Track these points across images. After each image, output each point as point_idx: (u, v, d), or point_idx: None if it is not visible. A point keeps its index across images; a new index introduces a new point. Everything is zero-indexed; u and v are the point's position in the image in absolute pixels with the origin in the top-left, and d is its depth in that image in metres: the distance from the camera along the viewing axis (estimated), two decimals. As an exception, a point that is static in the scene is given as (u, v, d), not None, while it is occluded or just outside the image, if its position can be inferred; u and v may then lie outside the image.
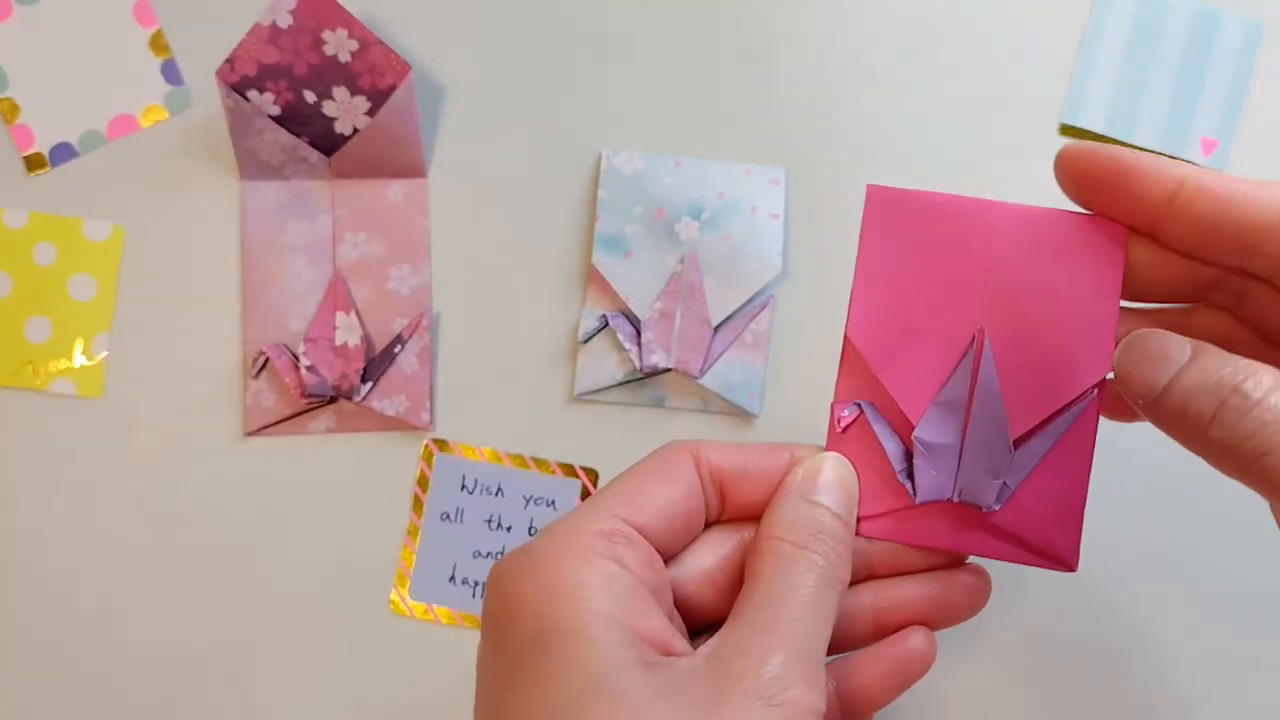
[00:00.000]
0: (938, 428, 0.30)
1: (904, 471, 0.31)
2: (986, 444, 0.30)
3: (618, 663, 0.26)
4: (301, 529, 0.50)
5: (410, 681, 0.50)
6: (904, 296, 0.31)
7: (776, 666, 0.26)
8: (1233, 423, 0.26)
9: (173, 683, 0.50)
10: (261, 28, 0.47)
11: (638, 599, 0.28)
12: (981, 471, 0.30)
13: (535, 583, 0.27)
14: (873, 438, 0.31)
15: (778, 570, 0.28)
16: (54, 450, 0.50)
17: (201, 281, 0.51)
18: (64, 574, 0.50)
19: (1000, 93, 0.52)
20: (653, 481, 0.30)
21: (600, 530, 0.28)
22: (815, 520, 0.29)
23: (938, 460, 0.31)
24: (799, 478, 0.30)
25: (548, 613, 0.27)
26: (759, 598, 0.28)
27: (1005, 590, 0.50)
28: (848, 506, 0.30)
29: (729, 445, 0.31)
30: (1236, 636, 0.50)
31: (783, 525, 0.29)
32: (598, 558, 0.28)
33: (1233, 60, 0.52)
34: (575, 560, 0.27)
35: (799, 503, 0.30)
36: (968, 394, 0.30)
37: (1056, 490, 0.31)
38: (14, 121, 0.51)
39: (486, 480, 0.51)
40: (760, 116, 0.52)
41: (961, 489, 0.30)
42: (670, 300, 0.50)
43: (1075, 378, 0.30)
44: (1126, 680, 0.50)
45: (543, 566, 0.28)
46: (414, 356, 0.50)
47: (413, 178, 0.51)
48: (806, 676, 0.26)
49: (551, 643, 0.26)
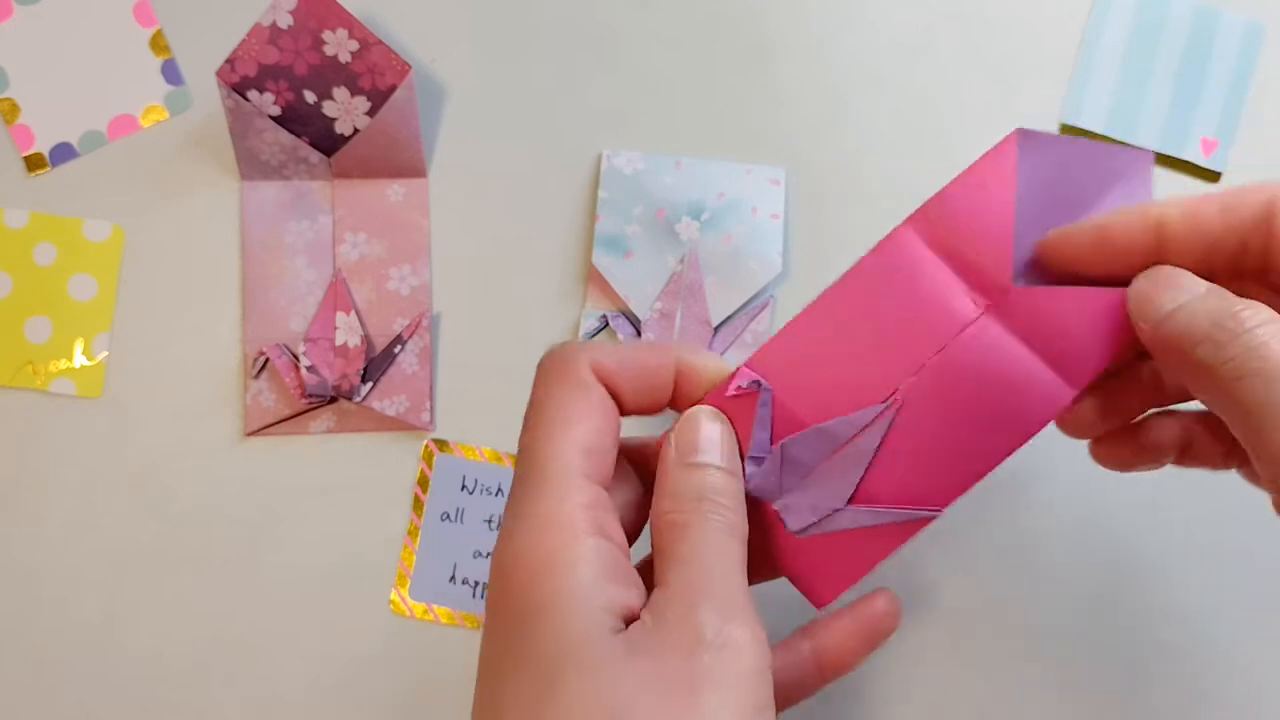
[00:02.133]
0: (806, 448, 0.32)
1: (754, 459, 0.32)
2: (830, 487, 0.31)
3: (591, 635, 0.27)
4: (301, 529, 0.50)
5: (410, 681, 0.50)
6: (863, 320, 0.31)
7: (707, 616, 0.27)
8: (1219, 343, 0.27)
9: (173, 683, 0.50)
10: (261, 28, 0.47)
11: (621, 569, 0.29)
12: (807, 502, 0.32)
13: (526, 561, 0.28)
14: (749, 416, 0.32)
15: (678, 539, 0.30)
16: (54, 450, 0.50)
17: (201, 281, 0.51)
18: (64, 574, 0.50)
19: (1000, 93, 0.52)
20: (586, 419, 0.31)
21: (581, 503, 0.29)
22: (700, 484, 0.30)
23: (788, 473, 0.32)
24: (674, 445, 0.31)
25: (534, 587, 0.28)
26: (668, 561, 0.29)
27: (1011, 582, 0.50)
28: (730, 456, 0.31)
29: (612, 348, 0.32)
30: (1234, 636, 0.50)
31: (673, 498, 0.31)
32: (584, 534, 0.29)
33: (1233, 60, 0.52)
34: (564, 539, 0.28)
35: (680, 471, 0.31)
36: (847, 439, 0.31)
37: (851, 553, 0.32)
38: (14, 121, 0.51)
39: (486, 480, 0.51)
40: (760, 116, 0.52)
41: (784, 504, 0.32)
42: (670, 300, 0.50)
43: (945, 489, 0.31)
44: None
45: (531, 548, 0.29)
46: (414, 356, 0.50)
47: (413, 178, 0.51)
48: (739, 616, 0.28)
49: (536, 618, 0.27)
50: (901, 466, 0.31)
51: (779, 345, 0.32)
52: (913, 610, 0.50)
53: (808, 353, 0.32)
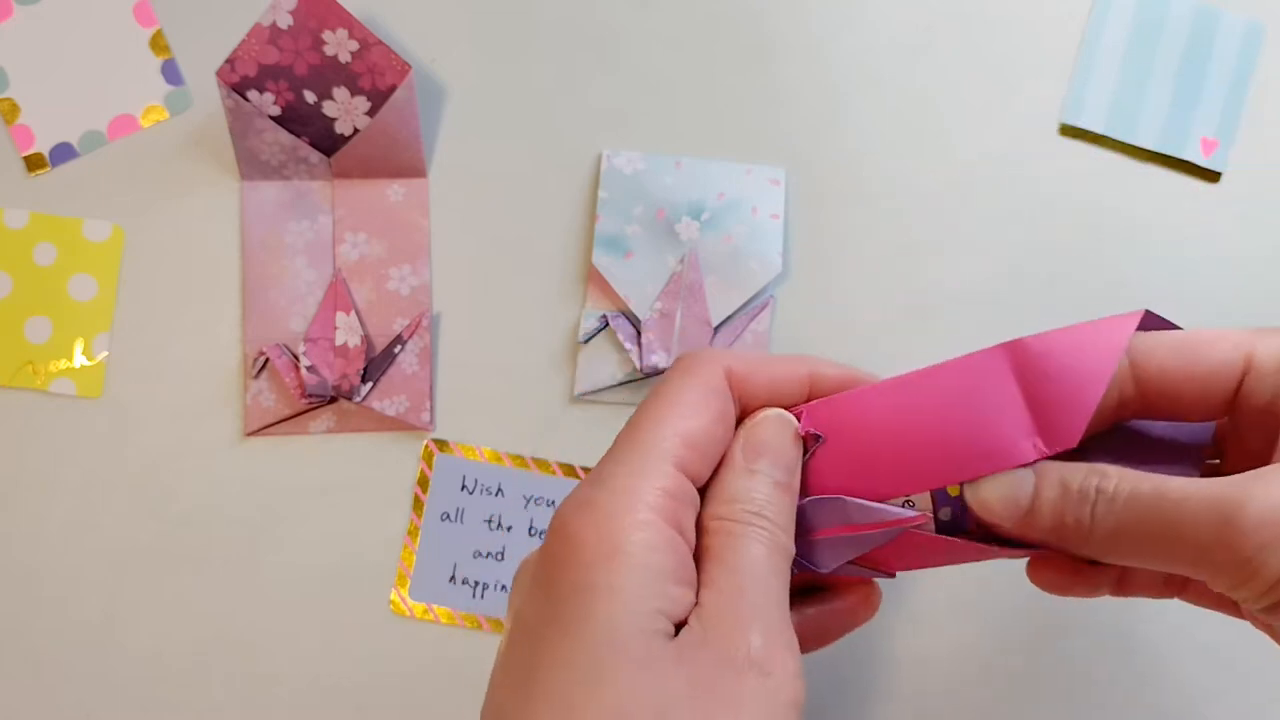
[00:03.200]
0: (821, 514, 0.32)
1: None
2: (822, 556, 0.32)
3: (645, 632, 0.26)
4: (301, 529, 0.50)
5: (410, 681, 0.50)
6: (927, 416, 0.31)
7: (758, 639, 0.27)
8: (1111, 515, 0.28)
9: (173, 683, 0.50)
10: (261, 28, 0.47)
11: (685, 568, 0.28)
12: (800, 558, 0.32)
13: (597, 534, 0.28)
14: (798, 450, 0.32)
15: (729, 548, 0.29)
16: (54, 450, 0.50)
17: (201, 281, 0.51)
18: (64, 574, 0.50)
19: (1000, 93, 0.52)
20: (697, 416, 0.30)
21: (663, 488, 0.28)
22: (752, 493, 0.30)
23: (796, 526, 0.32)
24: (740, 444, 0.31)
25: (599, 565, 0.27)
26: (717, 570, 0.29)
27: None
28: (788, 469, 0.31)
29: (753, 358, 0.32)
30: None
31: (725, 504, 0.30)
32: (660, 520, 0.28)
33: (1233, 60, 0.52)
34: (637, 519, 0.28)
35: (739, 475, 0.30)
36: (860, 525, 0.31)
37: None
38: (14, 121, 0.51)
39: (486, 480, 0.51)
40: (760, 116, 0.52)
41: (801, 558, 0.32)
42: (670, 300, 0.50)
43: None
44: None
45: (605, 519, 0.28)
46: (414, 356, 0.50)
47: (413, 178, 0.51)
48: (786, 641, 0.28)
49: (594, 595, 0.27)
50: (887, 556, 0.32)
51: (845, 403, 0.32)
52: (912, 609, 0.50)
53: (863, 422, 0.31)
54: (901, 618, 0.50)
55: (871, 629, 0.36)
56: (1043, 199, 0.52)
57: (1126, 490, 0.28)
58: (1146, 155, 0.52)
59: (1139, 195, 0.52)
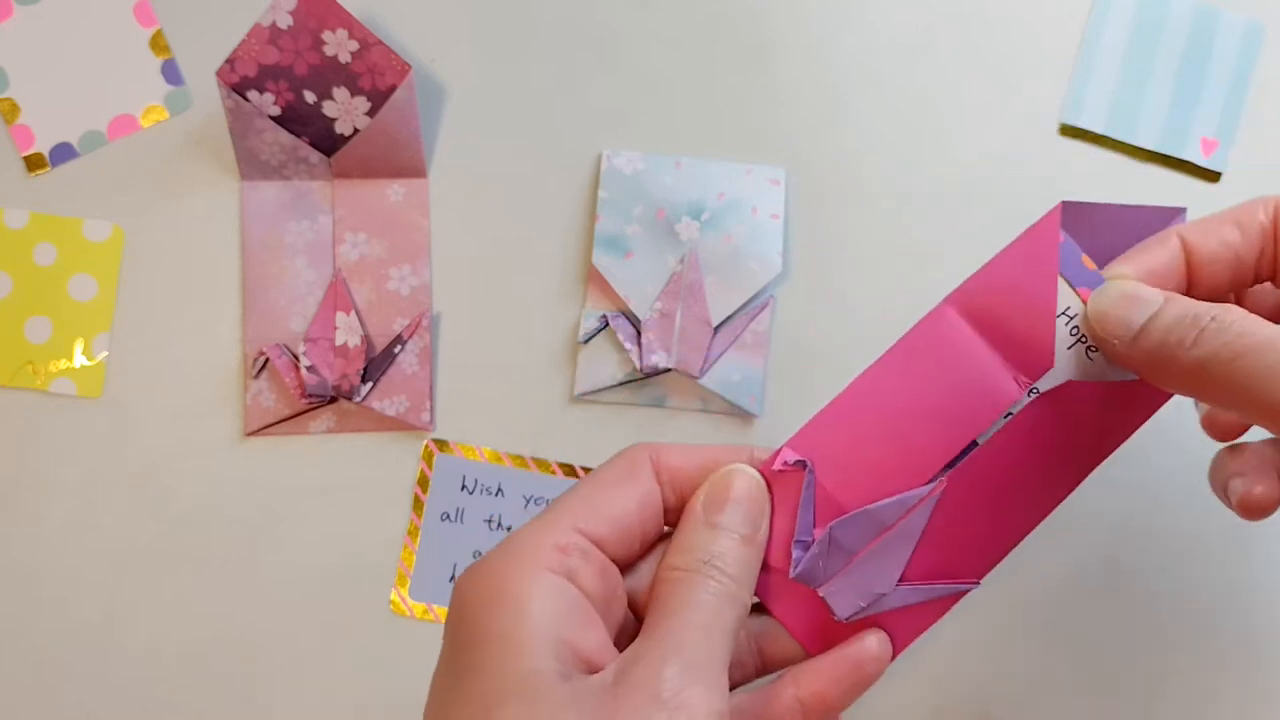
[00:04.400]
0: (853, 532, 0.31)
1: (800, 543, 0.31)
2: (876, 571, 0.31)
3: (538, 673, 0.27)
4: (301, 529, 0.50)
5: (410, 681, 0.50)
6: (904, 399, 0.31)
7: (671, 674, 0.27)
8: (1210, 339, 0.28)
9: (173, 683, 0.50)
10: (261, 28, 0.47)
11: (579, 614, 0.28)
12: (853, 587, 0.31)
13: (484, 591, 0.28)
14: (795, 494, 0.31)
15: (673, 595, 0.29)
16: (54, 450, 0.50)
17: (201, 281, 0.51)
18: (64, 574, 0.50)
19: (1000, 93, 0.52)
20: (612, 490, 0.31)
21: (556, 544, 0.29)
22: (713, 546, 0.30)
23: (832, 556, 0.31)
24: (701, 499, 0.31)
25: (488, 619, 0.28)
26: (658, 615, 0.29)
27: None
28: (752, 522, 0.31)
29: (688, 448, 0.32)
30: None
31: (680, 554, 0.30)
32: (547, 571, 0.28)
33: (1233, 60, 0.52)
34: (525, 571, 0.28)
35: (698, 529, 0.31)
36: (894, 522, 0.31)
37: (893, 629, 0.32)
38: (14, 121, 0.51)
39: (486, 480, 0.51)
40: (760, 116, 0.52)
41: (830, 590, 0.31)
42: (670, 300, 0.50)
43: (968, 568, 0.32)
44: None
45: (494, 576, 0.29)
46: (414, 356, 0.50)
47: (413, 178, 0.51)
48: (704, 680, 0.27)
49: (485, 646, 0.27)
50: (942, 543, 0.31)
51: (820, 425, 0.32)
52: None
53: (849, 433, 0.31)
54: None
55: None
56: (1043, 199, 0.52)
57: (1239, 324, 0.28)
58: (1146, 155, 0.52)
59: (1139, 195, 0.52)
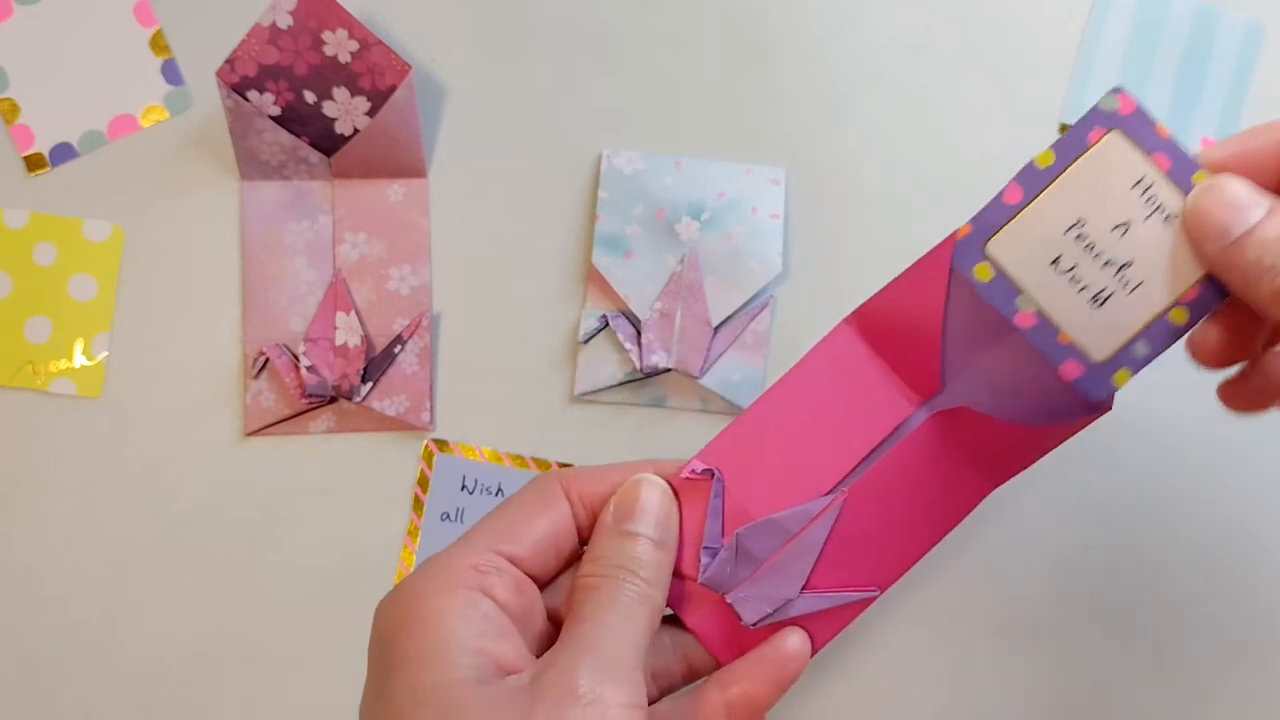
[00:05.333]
0: (759, 539, 0.32)
1: (708, 550, 0.33)
2: (783, 578, 0.32)
3: (455, 682, 0.28)
4: (301, 529, 0.50)
5: (410, 681, 0.50)
6: (807, 413, 0.33)
7: (586, 671, 0.28)
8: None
9: (173, 683, 0.50)
10: (261, 28, 0.47)
11: (495, 626, 0.29)
12: (761, 594, 0.32)
13: (399, 614, 0.30)
14: (705, 503, 0.33)
15: (588, 599, 0.31)
16: (54, 450, 0.50)
17: (201, 281, 0.51)
18: (64, 574, 0.50)
19: (1000, 93, 0.52)
20: (525, 513, 0.32)
21: (471, 564, 0.30)
22: (624, 551, 0.31)
23: (740, 564, 0.32)
24: (611, 509, 0.32)
25: (405, 640, 0.29)
26: (574, 619, 0.30)
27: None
28: (661, 527, 0.32)
29: (594, 471, 0.33)
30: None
31: (592, 562, 0.32)
32: (462, 588, 0.29)
33: (1233, 60, 0.52)
34: (439, 591, 0.29)
35: (610, 537, 0.32)
36: (798, 530, 0.32)
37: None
38: (14, 121, 0.51)
39: (486, 480, 0.51)
40: (760, 116, 0.52)
41: (738, 596, 0.32)
42: (670, 300, 0.50)
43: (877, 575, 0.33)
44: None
45: (408, 599, 0.30)
46: (414, 356, 0.50)
47: (413, 178, 0.51)
48: (618, 677, 0.28)
49: (404, 666, 0.28)
50: (845, 553, 0.32)
51: (730, 438, 0.33)
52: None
53: (756, 445, 0.33)
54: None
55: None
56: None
57: None
58: (1146, 155, 0.52)
59: (1139, 195, 0.52)
